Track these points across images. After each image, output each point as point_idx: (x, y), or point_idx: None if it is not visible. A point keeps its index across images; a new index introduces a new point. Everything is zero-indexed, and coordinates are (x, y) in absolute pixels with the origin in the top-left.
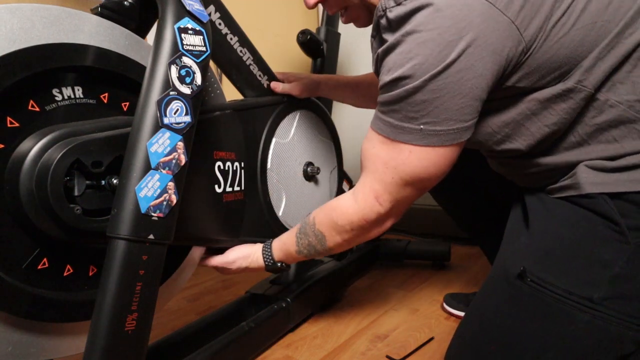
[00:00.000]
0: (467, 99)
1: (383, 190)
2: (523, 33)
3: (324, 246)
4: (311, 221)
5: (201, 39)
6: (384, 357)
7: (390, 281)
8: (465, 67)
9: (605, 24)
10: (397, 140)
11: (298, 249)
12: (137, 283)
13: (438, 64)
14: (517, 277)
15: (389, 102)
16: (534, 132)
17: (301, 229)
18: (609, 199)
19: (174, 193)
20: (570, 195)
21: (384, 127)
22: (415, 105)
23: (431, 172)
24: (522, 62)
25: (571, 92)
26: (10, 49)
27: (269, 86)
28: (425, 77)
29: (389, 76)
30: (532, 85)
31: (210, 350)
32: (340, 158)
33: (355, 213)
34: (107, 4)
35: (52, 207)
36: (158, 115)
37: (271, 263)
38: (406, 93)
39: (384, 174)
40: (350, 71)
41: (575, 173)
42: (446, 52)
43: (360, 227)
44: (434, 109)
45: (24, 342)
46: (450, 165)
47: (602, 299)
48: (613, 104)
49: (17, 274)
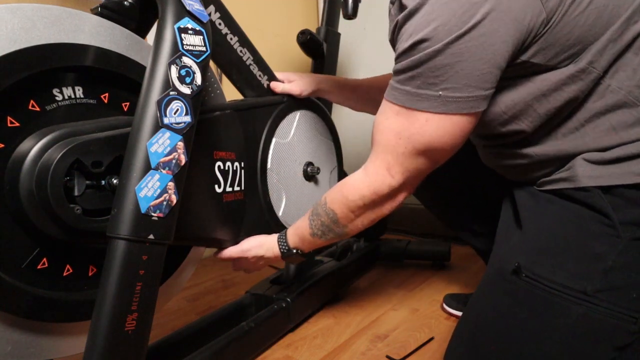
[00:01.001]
0: (488, 65)
1: (395, 162)
2: (545, 3)
3: (338, 225)
4: (323, 200)
5: (201, 39)
6: (384, 357)
7: (390, 281)
8: (488, 31)
9: (616, 8)
10: (414, 108)
11: (312, 230)
12: (137, 283)
13: (461, 26)
14: (512, 273)
15: (408, 68)
16: (541, 114)
17: (313, 211)
18: (602, 193)
19: (174, 193)
20: (564, 188)
21: (400, 96)
22: (436, 69)
23: (446, 141)
24: (541, 35)
25: (582, 72)
26: (11, 49)
27: (269, 86)
28: (447, 39)
29: (409, 41)
30: (546, 63)
31: (210, 350)
32: (340, 158)
33: (367, 187)
34: (107, 4)
35: (52, 207)
36: (158, 115)
37: (286, 250)
38: (427, 57)
39: (396, 144)
40: (350, 71)
41: (572, 165)
42: (470, 13)
43: (372, 201)
44: (454, 73)
45: (23, 342)
46: (464, 137)
47: (595, 291)
48: (614, 89)
49: (16, 274)
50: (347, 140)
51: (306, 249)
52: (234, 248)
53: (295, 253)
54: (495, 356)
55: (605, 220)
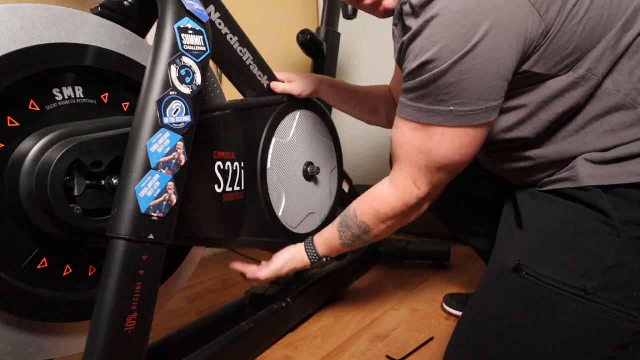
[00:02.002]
0: (495, 79)
1: (419, 174)
2: (543, 16)
3: (369, 235)
4: (352, 214)
5: (201, 39)
6: (384, 357)
7: (390, 281)
8: (491, 47)
9: (611, 17)
10: (429, 123)
11: (342, 241)
12: (137, 283)
13: (465, 45)
14: (512, 270)
15: (417, 88)
16: (544, 120)
17: (342, 223)
18: (602, 192)
19: (174, 193)
20: (565, 188)
21: (414, 113)
22: (444, 88)
23: (463, 153)
24: (541, 45)
25: (582, 79)
26: (11, 49)
27: (269, 86)
28: (453, 59)
29: (416, 62)
30: (547, 72)
31: (210, 350)
32: (340, 158)
33: (397, 200)
34: (107, 4)
35: (52, 207)
36: (158, 115)
37: (317, 260)
38: (434, 77)
39: (418, 158)
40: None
41: (574, 166)
42: (472, 33)
43: (402, 212)
44: (463, 90)
45: (23, 342)
46: (479, 146)
47: (595, 289)
48: (611, 92)
49: (16, 274)
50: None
51: (334, 256)
52: (267, 270)
53: (324, 261)
54: (495, 354)
55: (605, 220)
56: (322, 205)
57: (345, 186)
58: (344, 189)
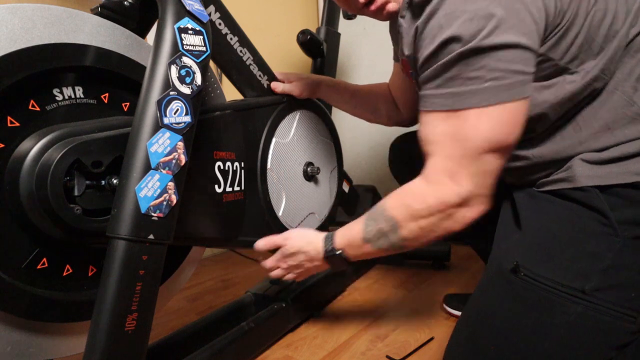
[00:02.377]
0: (525, 46)
1: (457, 167)
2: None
3: (397, 234)
4: (380, 207)
5: (201, 39)
6: (384, 357)
7: (390, 281)
8: (517, 17)
9: (615, 14)
10: (463, 108)
11: (365, 235)
12: (137, 283)
13: (490, 18)
14: (510, 271)
15: (442, 71)
16: (552, 119)
17: (370, 215)
18: (599, 192)
19: (174, 193)
20: (563, 188)
21: (444, 100)
22: (474, 64)
23: (506, 131)
24: (558, 28)
25: (596, 80)
26: (11, 49)
27: (269, 86)
28: (480, 35)
29: (435, 42)
30: (560, 59)
31: (210, 350)
32: (341, 158)
33: (432, 195)
34: (107, 4)
35: (52, 207)
36: (158, 115)
37: (330, 249)
38: (459, 55)
39: (453, 148)
40: (350, 71)
41: (571, 166)
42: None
43: (438, 211)
44: (496, 61)
45: (23, 342)
46: (521, 124)
47: (593, 290)
48: (610, 89)
49: (16, 274)
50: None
51: (351, 255)
52: (275, 235)
53: (339, 256)
54: (495, 354)
55: (603, 220)
56: (322, 205)
57: (345, 186)
58: (344, 189)
